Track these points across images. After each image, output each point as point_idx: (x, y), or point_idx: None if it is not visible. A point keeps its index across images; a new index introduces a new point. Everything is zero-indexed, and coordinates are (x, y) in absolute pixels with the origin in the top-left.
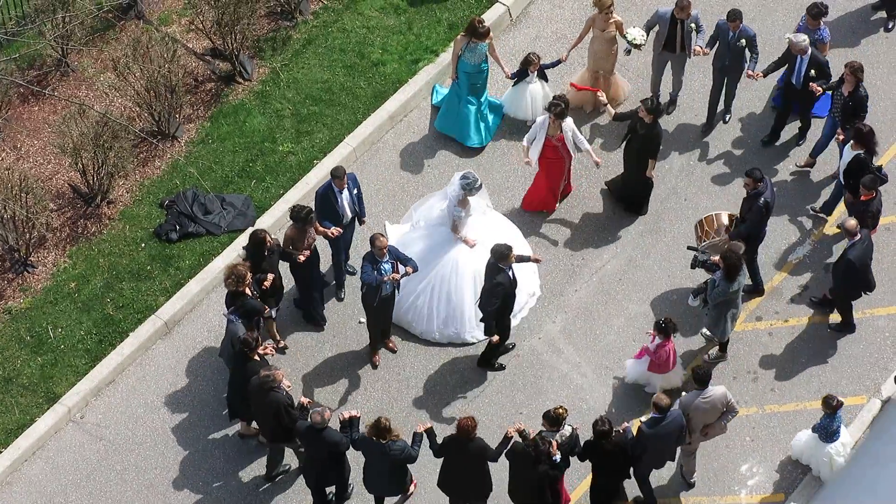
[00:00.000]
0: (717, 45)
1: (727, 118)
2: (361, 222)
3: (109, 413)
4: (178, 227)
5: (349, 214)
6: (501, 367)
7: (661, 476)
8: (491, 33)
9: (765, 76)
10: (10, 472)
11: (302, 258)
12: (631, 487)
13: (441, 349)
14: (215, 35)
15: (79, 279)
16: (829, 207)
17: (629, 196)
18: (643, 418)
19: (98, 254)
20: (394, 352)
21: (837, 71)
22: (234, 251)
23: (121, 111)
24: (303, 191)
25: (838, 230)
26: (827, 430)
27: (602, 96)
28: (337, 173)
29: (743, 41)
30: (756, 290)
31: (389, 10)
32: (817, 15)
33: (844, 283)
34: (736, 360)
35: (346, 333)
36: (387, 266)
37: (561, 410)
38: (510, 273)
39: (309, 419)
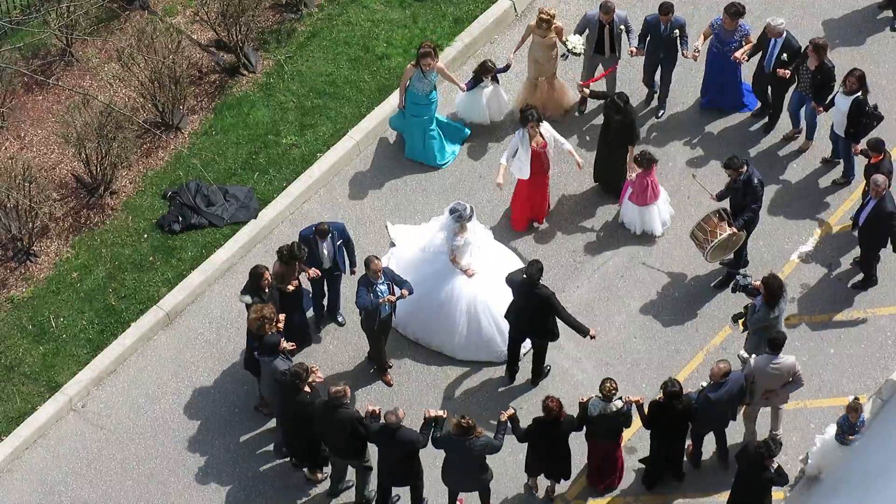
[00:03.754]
0: (648, 40)
1: (661, 114)
2: (352, 272)
3: (110, 402)
4: (180, 219)
5: (328, 263)
6: (549, 368)
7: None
8: (439, 56)
9: (747, 60)
10: (11, 460)
11: (291, 287)
12: None
13: None
14: (220, 27)
15: (81, 269)
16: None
17: (607, 177)
18: (703, 383)
19: (101, 244)
20: (389, 385)
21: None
22: (237, 243)
23: (125, 102)
24: (306, 183)
25: (842, 227)
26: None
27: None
28: (321, 232)
29: (676, 31)
30: (740, 264)
31: (394, 4)
32: (735, 14)
33: (887, 234)
34: (737, 358)
35: (346, 328)
36: (383, 287)
37: (609, 385)
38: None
39: (384, 419)
